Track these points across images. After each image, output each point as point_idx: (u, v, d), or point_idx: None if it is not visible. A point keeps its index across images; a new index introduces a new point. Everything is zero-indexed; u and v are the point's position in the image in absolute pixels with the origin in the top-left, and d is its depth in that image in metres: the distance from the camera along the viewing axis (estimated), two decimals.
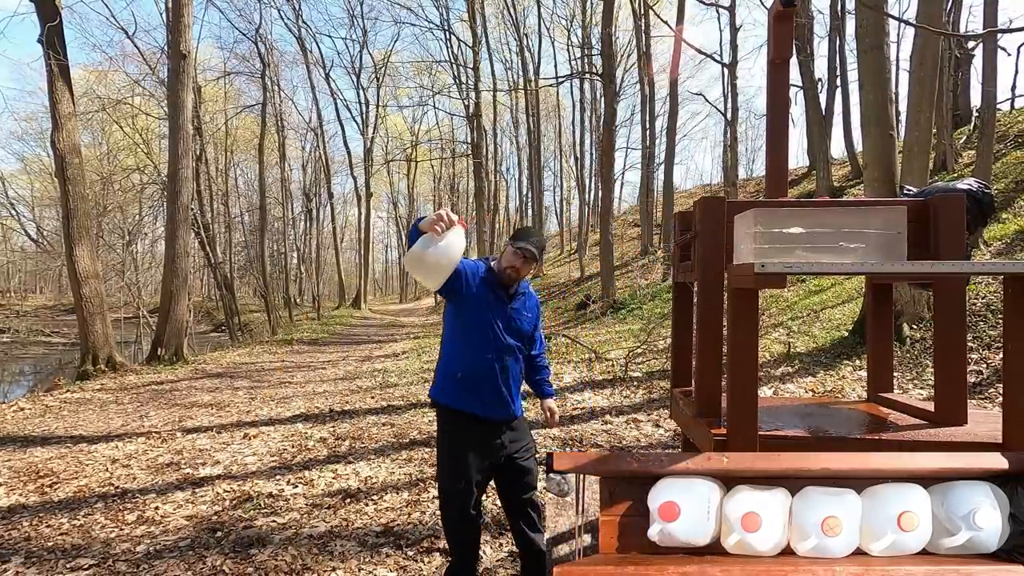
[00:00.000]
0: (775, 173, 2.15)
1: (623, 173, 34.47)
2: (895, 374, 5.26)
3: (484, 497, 3.61)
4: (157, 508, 3.63)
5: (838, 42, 16.76)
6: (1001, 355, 2.25)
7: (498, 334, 2.29)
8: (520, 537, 2.41)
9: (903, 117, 8.18)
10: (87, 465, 4.60)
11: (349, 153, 33.94)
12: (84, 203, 9.73)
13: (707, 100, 19.97)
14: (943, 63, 9.23)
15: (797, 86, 14.61)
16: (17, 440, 5.53)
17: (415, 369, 9.35)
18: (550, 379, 2.68)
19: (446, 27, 26.16)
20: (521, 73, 27.34)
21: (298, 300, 32.39)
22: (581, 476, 1.59)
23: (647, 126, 22.17)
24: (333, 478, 4.12)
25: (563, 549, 2.36)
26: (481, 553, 2.90)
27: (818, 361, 6.43)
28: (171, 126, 11.56)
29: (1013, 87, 14.48)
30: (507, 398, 2.33)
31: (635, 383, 6.79)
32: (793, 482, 1.48)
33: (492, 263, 2.38)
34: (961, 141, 13.33)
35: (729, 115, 16.66)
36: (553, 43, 32.78)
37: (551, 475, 2.48)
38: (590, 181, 29.95)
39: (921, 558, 1.42)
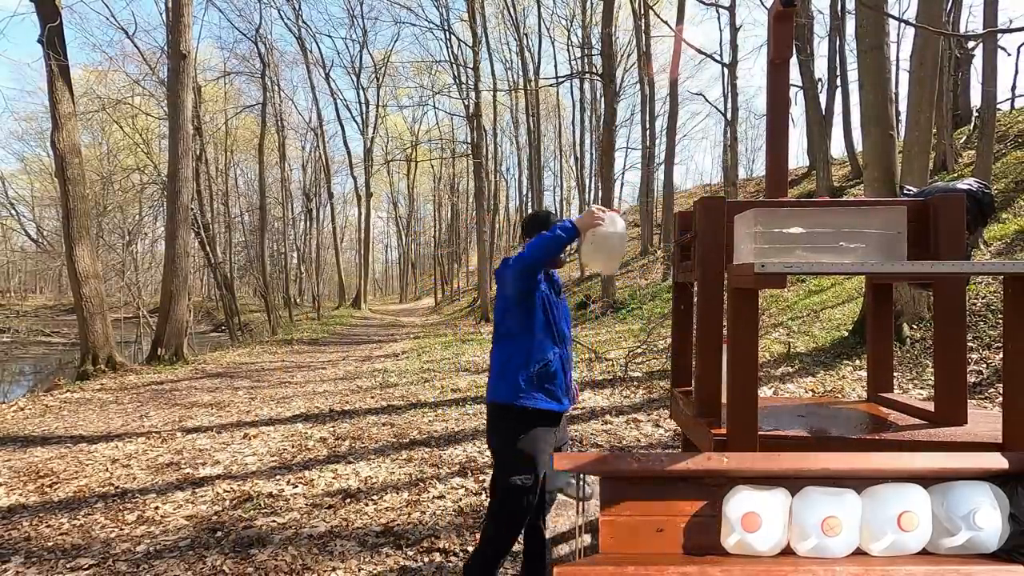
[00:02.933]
0: (775, 173, 2.15)
1: (623, 173, 34.52)
2: (895, 374, 5.27)
3: (483, 497, 3.64)
4: (157, 508, 3.63)
5: (838, 42, 16.75)
6: (1001, 355, 2.25)
7: (562, 326, 2.40)
8: (535, 525, 2.41)
9: (903, 117, 8.17)
10: (87, 465, 4.60)
11: (349, 153, 34.00)
12: (84, 203, 9.73)
13: (707, 100, 19.97)
14: (943, 63, 9.23)
15: (797, 86, 14.60)
16: (17, 440, 5.53)
17: (415, 369, 9.35)
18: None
19: (446, 27, 26.16)
20: (521, 73, 27.33)
21: (298, 300, 32.41)
22: (581, 476, 1.59)
23: (647, 126, 22.16)
24: (333, 478, 4.12)
25: (563, 549, 2.37)
26: None
27: (818, 361, 6.43)
28: (171, 126, 11.56)
29: (1013, 87, 14.48)
30: (571, 389, 2.45)
31: (635, 383, 6.79)
32: (793, 482, 1.48)
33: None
34: (961, 141, 13.32)
35: (729, 115, 16.65)
36: (553, 43, 32.83)
37: (570, 479, 2.49)
38: (590, 181, 29.93)
39: (921, 558, 1.42)
